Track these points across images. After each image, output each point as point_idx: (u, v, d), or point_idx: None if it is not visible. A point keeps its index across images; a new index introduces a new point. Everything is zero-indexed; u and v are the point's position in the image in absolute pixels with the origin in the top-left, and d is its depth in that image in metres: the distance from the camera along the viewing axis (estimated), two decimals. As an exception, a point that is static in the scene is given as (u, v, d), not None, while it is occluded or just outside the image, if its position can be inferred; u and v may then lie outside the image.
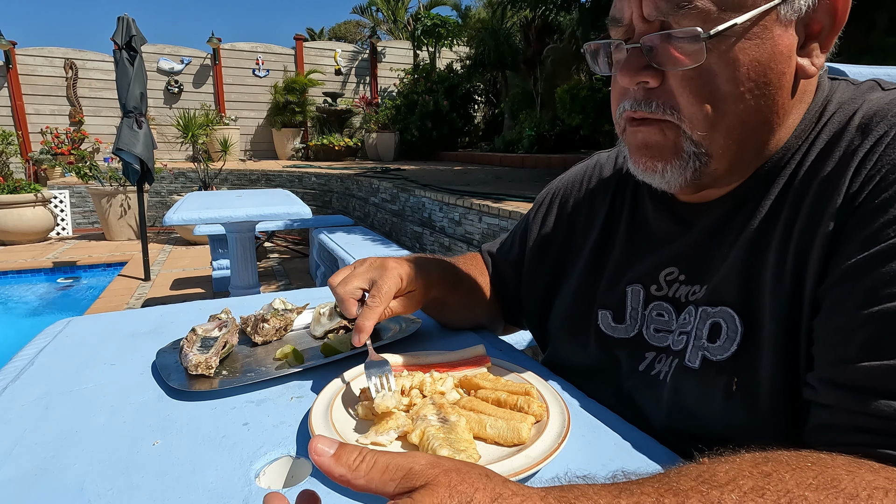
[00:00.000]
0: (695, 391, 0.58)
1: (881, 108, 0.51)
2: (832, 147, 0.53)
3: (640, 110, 0.57)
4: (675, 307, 0.65)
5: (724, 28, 0.50)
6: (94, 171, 7.23)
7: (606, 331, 0.72)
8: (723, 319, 0.57)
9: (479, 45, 9.33)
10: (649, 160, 0.59)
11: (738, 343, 0.55)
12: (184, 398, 0.69)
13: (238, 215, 3.22)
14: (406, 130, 10.01)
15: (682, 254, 0.66)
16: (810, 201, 0.52)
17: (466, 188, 4.54)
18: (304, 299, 1.03)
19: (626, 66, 0.55)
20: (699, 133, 0.55)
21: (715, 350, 0.57)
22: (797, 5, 0.51)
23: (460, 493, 0.32)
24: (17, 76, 8.79)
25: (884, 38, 5.46)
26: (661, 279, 0.67)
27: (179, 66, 10.09)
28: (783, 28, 0.51)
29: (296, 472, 0.57)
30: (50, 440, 0.60)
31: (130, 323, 0.98)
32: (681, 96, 0.54)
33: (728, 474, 0.36)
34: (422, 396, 0.65)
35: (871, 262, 0.45)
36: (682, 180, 0.58)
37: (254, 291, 3.65)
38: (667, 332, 0.65)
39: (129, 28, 4.75)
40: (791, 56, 0.52)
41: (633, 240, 0.73)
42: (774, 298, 0.53)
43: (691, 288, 0.64)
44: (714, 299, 0.59)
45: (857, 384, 0.44)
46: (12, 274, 5.61)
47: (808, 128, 0.56)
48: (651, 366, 0.66)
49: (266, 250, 6.61)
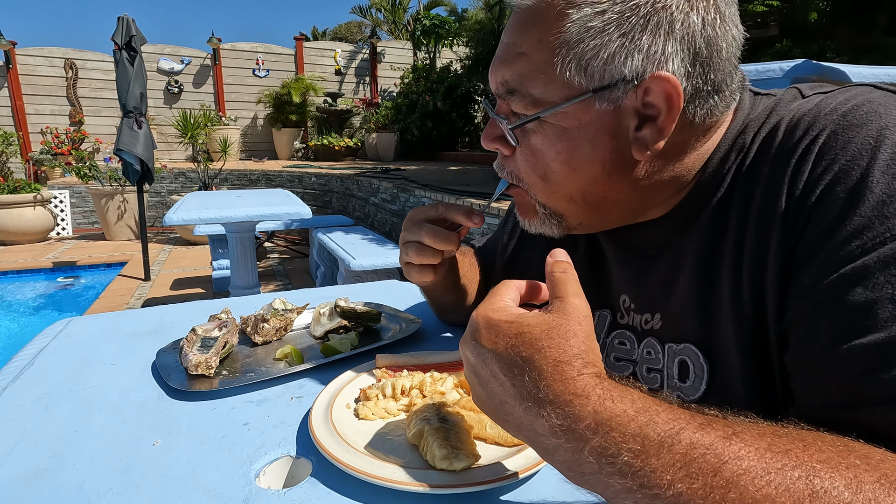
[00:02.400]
0: None
1: (801, 119, 0.50)
2: (761, 165, 0.52)
3: (500, 174, 0.63)
4: (636, 336, 0.64)
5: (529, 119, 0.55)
6: (94, 171, 7.23)
7: None
8: (688, 357, 0.57)
9: (479, 46, 9.33)
10: (523, 215, 0.65)
11: (706, 382, 0.55)
12: (184, 398, 0.69)
13: (238, 215, 3.22)
14: (406, 130, 10.00)
15: (627, 279, 0.65)
16: (754, 225, 0.51)
17: (466, 188, 4.54)
18: (304, 299, 1.03)
19: (484, 133, 0.62)
20: (541, 200, 0.60)
21: (687, 390, 0.57)
22: (613, 96, 0.51)
23: None
24: (17, 76, 8.79)
25: (884, 38, 5.46)
26: (621, 306, 0.66)
27: (179, 66, 10.09)
28: (603, 114, 0.53)
29: (296, 472, 0.57)
30: (50, 440, 0.60)
31: (130, 323, 0.98)
32: (521, 168, 0.59)
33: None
34: (422, 396, 0.65)
35: (830, 294, 0.43)
36: (552, 232, 0.63)
37: (254, 291, 3.66)
38: (628, 362, 0.64)
39: (129, 28, 4.76)
40: (617, 136, 0.53)
41: (593, 259, 0.72)
42: (737, 331, 0.52)
43: (643, 316, 0.63)
44: (676, 335, 0.58)
45: (846, 428, 0.40)
46: (12, 274, 5.61)
47: (730, 148, 0.55)
48: None
49: (266, 250, 6.61)
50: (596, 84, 0.51)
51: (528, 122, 0.55)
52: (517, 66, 0.54)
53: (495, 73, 0.57)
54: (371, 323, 0.92)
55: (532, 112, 0.55)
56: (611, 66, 0.50)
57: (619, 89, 0.51)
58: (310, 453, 0.57)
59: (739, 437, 0.35)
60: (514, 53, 0.55)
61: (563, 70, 0.51)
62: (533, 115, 0.55)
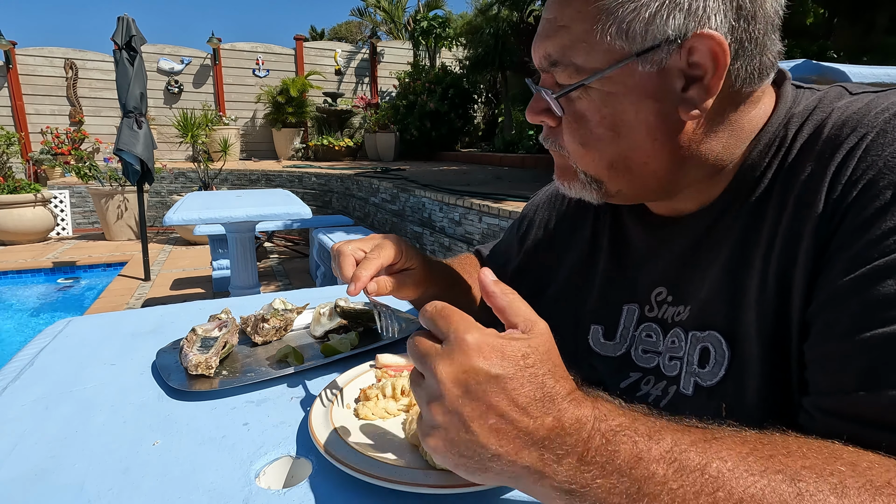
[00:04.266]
0: (692, 418, 0.58)
1: (849, 117, 0.50)
2: (803, 160, 0.52)
3: (546, 144, 0.64)
4: (662, 328, 0.64)
5: (573, 87, 0.55)
6: (94, 171, 7.23)
7: (595, 347, 0.71)
8: (710, 344, 0.57)
9: (478, 45, 9.33)
10: (560, 178, 0.65)
11: (725, 368, 0.55)
12: (184, 398, 0.69)
13: (238, 215, 3.22)
14: (406, 130, 10.00)
15: (666, 272, 0.65)
16: (788, 218, 0.51)
17: (466, 188, 4.54)
18: (304, 299, 1.03)
19: (529, 107, 0.63)
20: (582, 167, 0.61)
21: (705, 375, 0.57)
22: (657, 58, 0.51)
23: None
24: (17, 76, 8.79)
25: (884, 38, 5.46)
26: (652, 299, 0.66)
27: (179, 66, 10.09)
28: (645, 78, 0.53)
29: (296, 472, 0.57)
30: (50, 440, 0.60)
31: (130, 323, 0.98)
32: (566, 140, 0.60)
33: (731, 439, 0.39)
34: (422, 396, 0.65)
35: (858, 285, 0.43)
36: (592, 198, 0.63)
37: (254, 291, 3.66)
38: (654, 354, 0.65)
39: (129, 28, 4.76)
40: (661, 101, 0.53)
41: (619, 254, 0.73)
42: (760, 320, 0.52)
43: (677, 309, 0.63)
44: (701, 323, 0.59)
45: (857, 415, 0.42)
46: (12, 274, 5.61)
47: (772, 141, 0.56)
48: (636, 386, 0.65)
49: (266, 250, 6.61)
50: (638, 47, 0.51)
51: (572, 90, 0.55)
52: (559, 38, 0.55)
53: (538, 48, 0.58)
54: (371, 323, 0.92)
55: (576, 80, 0.55)
56: (652, 27, 0.50)
57: (663, 51, 0.51)
58: (310, 453, 0.57)
59: (720, 441, 0.37)
60: (554, 27, 0.55)
61: (603, 36, 0.52)
62: (577, 83, 0.55)
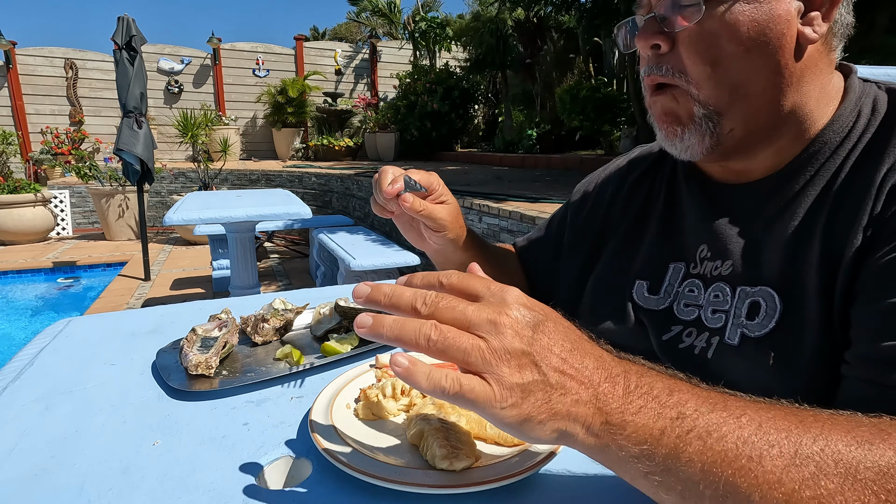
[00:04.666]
0: (737, 367, 0.62)
1: None
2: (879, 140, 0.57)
3: (653, 74, 0.64)
4: (704, 283, 0.68)
5: None
6: (94, 171, 7.23)
7: (639, 300, 0.74)
8: (762, 298, 0.60)
9: (479, 45, 9.33)
10: (670, 125, 0.65)
11: (776, 320, 0.58)
12: (184, 398, 0.69)
13: (238, 215, 3.22)
14: (406, 130, 10.00)
15: (712, 231, 0.69)
16: (855, 195, 0.56)
17: (466, 188, 4.55)
18: (304, 299, 1.03)
19: (641, 33, 0.63)
20: (705, 92, 0.60)
21: (753, 327, 0.60)
22: None
23: None
24: (17, 76, 8.79)
25: (884, 38, 5.46)
26: (696, 257, 0.70)
27: (179, 66, 10.09)
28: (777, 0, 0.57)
29: (296, 472, 0.57)
30: (50, 440, 0.60)
31: (130, 323, 0.98)
32: (687, 58, 0.60)
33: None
34: (422, 396, 0.65)
35: None
36: (702, 147, 0.63)
37: (254, 291, 3.66)
38: (695, 307, 0.68)
39: (129, 28, 4.76)
40: (791, 21, 0.57)
41: (671, 218, 0.77)
42: (819, 279, 0.56)
43: (714, 263, 0.67)
44: (753, 279, 0.62)
45: (890, 358, 0.47)
46: (12, 274, 5.61)
47: (847, 123, 0.61)
48: (678, 338, 0.68)
49: (266, 250, 6.61)
50: None
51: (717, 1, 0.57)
52: None
53: None
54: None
55: None
56: None
57: None
58: (310, 453, 0.57)
59: (745, 400, 0.39)
60: None
61: None
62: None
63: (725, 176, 0.70)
